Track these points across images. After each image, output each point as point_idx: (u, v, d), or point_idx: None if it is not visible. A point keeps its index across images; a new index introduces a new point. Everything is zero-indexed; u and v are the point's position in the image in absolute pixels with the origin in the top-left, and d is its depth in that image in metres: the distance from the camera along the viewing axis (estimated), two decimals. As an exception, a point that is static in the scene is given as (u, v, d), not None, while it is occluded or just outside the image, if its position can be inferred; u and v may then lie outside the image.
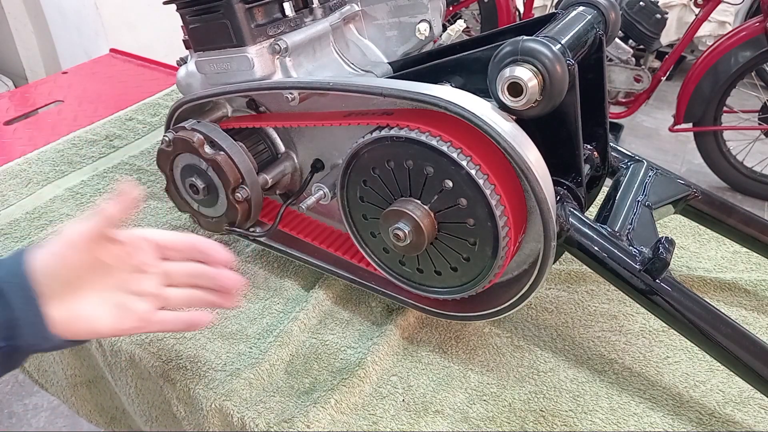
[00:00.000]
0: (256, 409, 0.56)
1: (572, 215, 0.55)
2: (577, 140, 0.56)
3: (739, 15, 2.82)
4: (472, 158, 0.50)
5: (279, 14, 0.63)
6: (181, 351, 0.62)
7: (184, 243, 0.53)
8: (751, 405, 0.57)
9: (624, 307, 0.68)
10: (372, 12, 0.67)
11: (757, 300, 0.69)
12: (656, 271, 0.52)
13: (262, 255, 0.76)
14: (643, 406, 0.57)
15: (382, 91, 0.53)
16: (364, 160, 0.56)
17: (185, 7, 0.62)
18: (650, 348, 0.63)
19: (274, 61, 0.62)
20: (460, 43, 0.65)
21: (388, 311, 0.68)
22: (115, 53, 1.39)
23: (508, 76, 0.48)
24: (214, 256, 0.53)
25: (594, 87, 0.60)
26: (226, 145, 0.63)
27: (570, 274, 0.72)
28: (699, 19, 2.12)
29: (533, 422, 0.56)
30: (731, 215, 0.67)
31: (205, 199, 0.67)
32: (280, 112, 0.66)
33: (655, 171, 0.66)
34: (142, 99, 1.16)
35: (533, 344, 0.64)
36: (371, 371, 0.60)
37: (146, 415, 0.67)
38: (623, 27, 2.08)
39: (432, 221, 0.54)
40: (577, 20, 0.57)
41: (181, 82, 0.70)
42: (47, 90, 1.22)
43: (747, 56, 1.92)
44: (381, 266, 0.63)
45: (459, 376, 0.60)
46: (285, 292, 0.71)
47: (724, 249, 0.77)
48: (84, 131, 1.05)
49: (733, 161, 2.12)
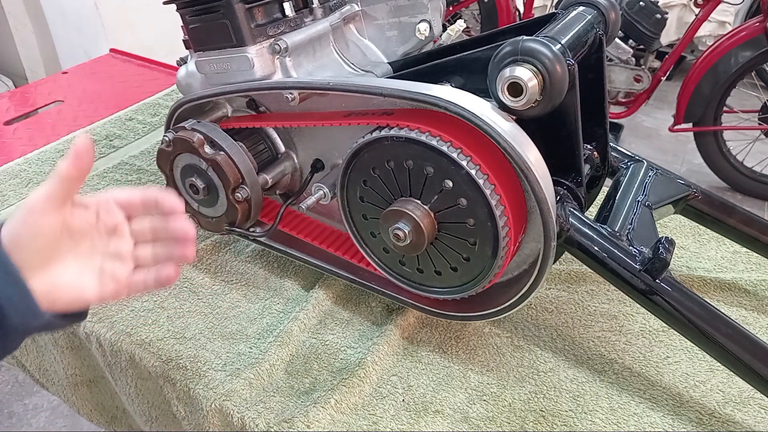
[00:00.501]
0: (256, 409, 0.56)
1: (572, 215, 0.55)
2: (577, 140, 0.56)
3: (739, 15, 2.82)
4: (472, 158, 0.50)
5: (279, 14, 0.63)
6: (181, 351, 0.62)
7: (143, 198, 0.51)
8: (751, 405, 0.57)
9: (624, 307, 0.68)
10: (372, 12, 0.67)
11: (757, 300, 0.69)
12: (656, 271, 0.52)
13: (262, 255, 0.76)
14: (643, 406, 0.57)
15: (382, 91, 0.53)
16: (364, 160, 0.56)
17: (185, 7, 0.62)
18: (650, 348, 0.63)
19: (274, 61, 0.62)
20: (460, 43, 0.65)
21: (388, 311, 0.68)
22: (115, 53, 1.39)
23: (508, 76, 0.48)
24: (164, 204, 0.51)
25: (594, 87, 0.60)
26: (226, 145, 0.63)
27: (570, 274, 0.72)
28: (699, 19, 2.12)
29: (533, 422, 0.56)
30: (731, 215, 0.67)
31: (205, 199, 0.67)
32: (280, 112, 0.66)
33: (655, 171, 0.66)
34: (142, 99, 1.16)
35: (533, 344, 0.64)
36: (371, 371, 0.60)
37: (146, 415, 0.67)
38: (623, 27, 2.08)
39: (432, 221, 0.54)
40: (577, 20, 0.57)
41: (181, 82, 0.70)
42: (47, 90, 1.22)
43: (747, 56, 1.92)
44: (381, 266, 0.63)
45: (459, 376, 0.60)
46: (285, 292, 0.71)
47: (724, 249, 0.77)
48: (84, 131, 1.05)
49: (733, 161, 2.12)
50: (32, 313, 0.45)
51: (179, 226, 0.51)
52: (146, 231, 0.52)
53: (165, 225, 0.51)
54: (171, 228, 0.51)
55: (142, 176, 0.92)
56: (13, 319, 0.44)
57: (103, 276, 0.50)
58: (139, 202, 0.51)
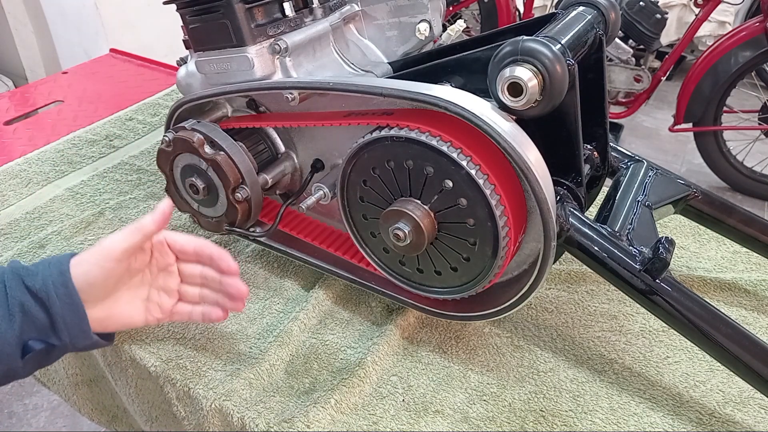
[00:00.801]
0: (256, 409, 0.56)
1: (572, 215, 0.55)
2: (577, 140, 0.56)
3: (739, 15, 2.82)
4: (472, 158, 0.50)
5: (279, 14, 0.63)
6: (181, 351, 0.62)
7: (196, 250, 0.59)
8: (751, 405, 0.57)
9: (624, 307, 0.68)
10: (372, 12, 0.67)
11: (757, 300, 0.69)
12: (656, 271, 0.52)
13: (262, 255, 0.76)
14: (643, 406, 0.57)
15: (382, 91, 0.53)
16: (364, 160, 0.56)
17: (185, 7, 0.62)
18: (650, 348, 0.63)
19: (274, 61, 0.62)
20: (460, 43, 0.65)
21: (388, 311, 0.68)
22: (115, 53, 1.39)
23: (508, 76, 0.48)
24: (221, 264, 0.58)
25: (594, 87, 0.60)
26: (226, 145, 0.63)
27: (570, 274, 0.72)
28: (699, 19, 2.12)
29: (533, 422, 0.56)
30: (731, 215, 0.67)
31: (205, 199, 0.67)
32: (280, 112, 0.66)
33: (655, 171, 0.66)
34: (142, 99, 1.16)
35: (533, 344, 0.64)
36: (371, 371, 0.60)
37: (147, 415, 0.67)
38: (623, 27, 2.08)
39: (432, 221, 0.54)
40: (577, 20, 0.57)
41: (181, 82, 0.70)
42: (47, 90, 1.22)
43: (747, 56, 1.93)
44: (381, 266, 0.63)
45: (459, 376, 0.60)
46: (285, 292, 0.71)
47: (724, 249, 0.77)
48: (84, 131, 1.05)
49: (733, 161, 2.12)
50: (85, 337, 0.53)
51: (234, 286, 0.58)
52: (196, 275, 0.60)
53: (218, 278, 0.58)
54: (225, 284, 0.58)
55: (142, 176, 0.92)
56: (65, 340, 0.52)
57: (150, 304, 0.59)
58: (192, 252, 0.59)
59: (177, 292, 0.60)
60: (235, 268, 0.58)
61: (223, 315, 0.59)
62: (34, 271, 0.52)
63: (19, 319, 0.50)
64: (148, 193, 0.88)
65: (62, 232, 0.79)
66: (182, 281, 0.60)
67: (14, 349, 0.50)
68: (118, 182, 0.91)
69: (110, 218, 0.82)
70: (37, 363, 0.53)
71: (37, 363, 0.53)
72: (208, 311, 0.59)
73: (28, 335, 0.51)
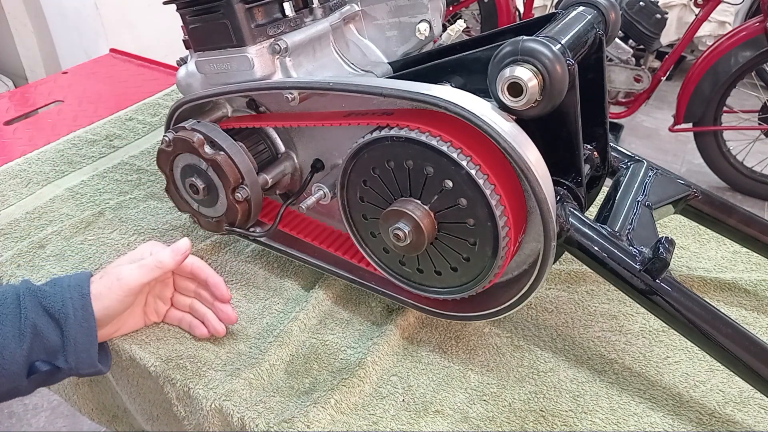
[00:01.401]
0: (256, 409, 0.56)
1: (572, 215, 0.55)
2: (577, 140, 0.56)
3: (739, 15, 2.82)
4: (472, 158, 0.50)
5: (279, 14, 0.63)
6: (181, 351, 0.62)
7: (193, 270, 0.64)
8: (751, 405, 0.57)
9: (624, 307, 0.68)
10: (372, 12, 0.67)
11: (757, 300, 0.69)
12: (656, 271, 0.52)
13: (262, 255, 0.76)
14: (643, 406, 0.57)
15: (382, 91, 0.53)
16: (364, 160, 0.56)
17: (185, 7, 0.62)
18: (650, 348, 0.63)
19: (274, 61, 0.62)
20: (460, 43, 0.65)
21: (388, 311, 0.68)
22: (115, 53, 1.39)
23: (508, 76, 0.48)
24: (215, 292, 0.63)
25: (594, 87, 0.60)
26: (226, 145, 0.63)
27: (570, 274, 0.72)
28: (699, 19, 2.12)
29: (533, 422, 0.56)
30: (731, 215, 0.67)
31: (205, 199, 0.67)
32: (280, 112, 0.66)
33: (655, 171, 0.66)
34: (142, 99, 1.16)
35: (533, 344, 0.64)
36: (371, 371, 0.60)
37: (147, 414, 0.67)
38: (623, 27, 2.08)
39: (432, 221, 0.54)
40: (577, 20, 0.57)
41: (181, 82, 0.70)
42: (47, 90, 1.22)
43: (747, 56, 1.93)
44: (381, 266, 0.63)
45: (459, 376, 0.60)
46: (285, 292, 0.71)
47: (724, 249, 0.77)
48: (84, 131, 1.05)
49: (733, 161, 2.12)
50: (90, 363, 0.56)
51: (224, 313, 0.63)
52: (189, 290, 0.65)
53: (210, 299, 0.63)
54: (216, 308, 0.63)
55: (142, 176, 0.92)
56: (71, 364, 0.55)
57: (148, 309, 0.64)
58: (189, 272, 0.64)
59: (170, 300, 0.66)
60: (228, 297, 0.62)
61: (207, 333, 0.63)
62: (51, 293, 0.55)
63: (30, 339, 0.53)
64: (148, 193, 0.88)
65: (62, 232, 0.79)
66: (175, 290, 0.66)
67: (21, 368, 0.53)
68: (118, 182, 0.91)
69: (110, 218, 0.82)
70: (41, 382, 0.56)
71: (41, 382, 0.56)
72: (195, 324, 0.64)
73: (36, 356, 0.54)
